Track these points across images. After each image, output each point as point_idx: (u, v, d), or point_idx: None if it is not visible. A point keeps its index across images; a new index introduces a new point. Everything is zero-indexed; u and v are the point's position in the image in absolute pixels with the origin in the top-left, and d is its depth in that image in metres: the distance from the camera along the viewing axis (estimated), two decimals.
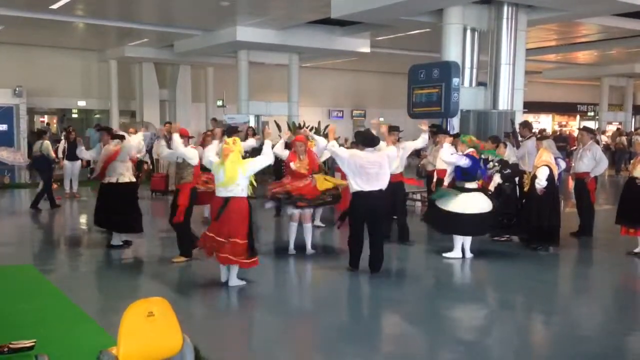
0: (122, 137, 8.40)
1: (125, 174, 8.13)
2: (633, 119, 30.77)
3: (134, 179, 8.32)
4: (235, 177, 6.08)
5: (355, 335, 5.20)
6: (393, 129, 8.94)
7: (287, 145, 8.30)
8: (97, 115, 24.62)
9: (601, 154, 9.17)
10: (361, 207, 6.82)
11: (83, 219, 11.00)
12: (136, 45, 20.53)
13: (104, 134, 8.61)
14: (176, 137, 7.20)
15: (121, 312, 3.37)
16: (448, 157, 7.79)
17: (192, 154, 7.25)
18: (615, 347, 5.01)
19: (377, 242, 6.96)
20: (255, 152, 10.94)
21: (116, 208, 8.00)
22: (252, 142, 8.83)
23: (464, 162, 7.68)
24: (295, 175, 7.83)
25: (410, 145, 8.78)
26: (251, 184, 6.34)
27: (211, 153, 6.54)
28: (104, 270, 7.51)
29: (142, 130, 9.34)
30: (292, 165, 7.84)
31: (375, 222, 6.90)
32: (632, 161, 8.63)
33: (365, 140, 7.03)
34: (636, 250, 7.95)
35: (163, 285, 6.62)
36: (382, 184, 6.85)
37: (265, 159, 6.42)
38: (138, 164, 8.89)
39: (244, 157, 6.38)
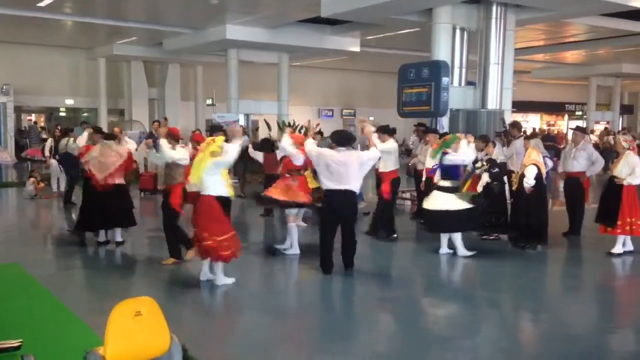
0: (114, 137, 8.35)
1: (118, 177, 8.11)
2: (620, 119, 31.01)
3: (123, 181, 8.28)
4: (199, 175, 6.17)
5: (343, 333, 5.20)
6: (383, 129, 9.00)
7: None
8: (85, 114, 24.47)
9: (597, 153, 9.18)
10: (329, 206, 6.87)
11: (76, 221, 10.91)
12: (125, 44, 20.43)
13: (95, 134, 8.53)
14: (163, 142, 7.12)
15: (109, 311, 3.35)
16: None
17: (181, 155, 7.20)
18: (601, 345, 5.06)
19: (348, 241, 6.95)
20: (245, 149, 10.94)
21: (114, 206, 7.98)
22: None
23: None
24: (290, 168, 7.85)
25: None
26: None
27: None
28: (92, 269, 7.47)
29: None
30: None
31: (345, 222, 6.89)
32: (614, 160, 8.68)
33: (338, 139, 7.03)
34: (613, 251, 8.04)
35: (152, 285, 6.59)
36: (349, 184, 6.76)
37: (228, 157, 6.39)
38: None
39: None
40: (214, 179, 6.20)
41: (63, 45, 21.70)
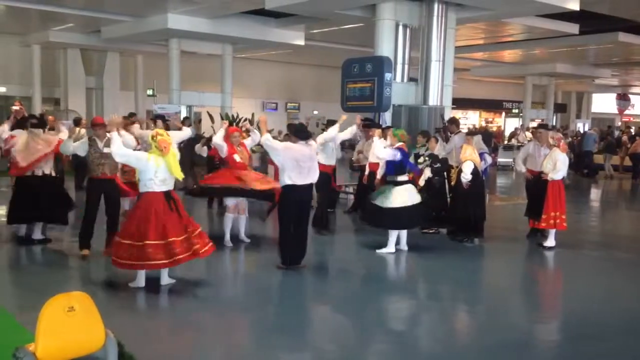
0: (42, 125, 8.01)
1: (48, 168, 7.77)
2: (554, 117, 32.26)
3: (54, 173, 7.89)
4: (179, 170, 5.92)
5: (287, 328, 5.20)
6: (330, 123, 9.10)
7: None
8: None
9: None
10: (293, 201, 6.78)
11: (2, 211, 10.46)
12: (61, 30, 19.69)
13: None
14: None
15: (40, 307, 3.24)
16: (382, 152, 7.86)
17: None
18: (532, 334, 5.26)
19: (302, 236, 6.93)
20: (191, 141, 10.82)
21: (46, 200, 7.64)
22: (188, 132, 8.53)
23: (398, 156, 7.77)
24: (236, 167, 7.78)
25: (340, 136, 8.97)
26: None
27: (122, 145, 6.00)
28: (24, 264, 7.20)
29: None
30: (237, 157, 7.80)
31: (302, 216, 6.90)
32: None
33: (298, 132, 6.96)
34: (545, 244, 8.37)
35: (86, 280, 6.41)
36: (313, 177, 6.85)
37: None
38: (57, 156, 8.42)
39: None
40: None
41: None
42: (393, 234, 7.85)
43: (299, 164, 6.70)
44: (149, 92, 21.96)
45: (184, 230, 5.83)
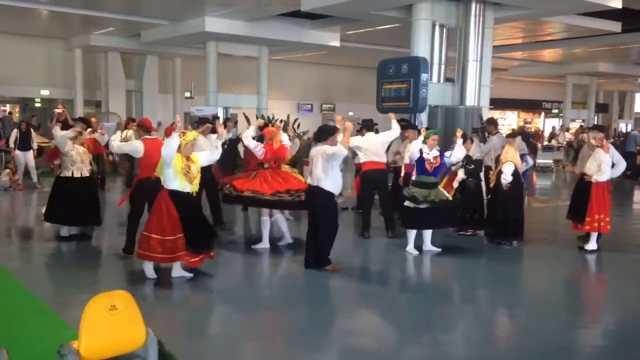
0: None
1: (83, 168, 7.98)
2: (595, 117, 31.47)
3: (87, 174, 8.06)
4: (159, 170, 6.15)
5: (320, 328, 5.21)
6: (367, 122, 9.07)
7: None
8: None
9: (619, 154, 8.61)
10: (308, 201, 7.01)
11: (44, 210, 10.74)
12: (102, 34, 20.14)
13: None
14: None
15: (83, 305, 3.32)
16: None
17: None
18: (574, 340, 5.15)
19: (320, 237, 6.84)
20: (234, 142, 10.86)
21: (79, 203, 7.86)
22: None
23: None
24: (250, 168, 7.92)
25: (388, 136, 8.88)
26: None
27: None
28: (66, 262, 7.37)
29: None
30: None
31: (315, 218, 6.87)
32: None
33: (315, 134, 7.29)
34: (587, 247, 8.16)
35: (127, 279, 6.53)
36: (315, 180, 6.76)
37: (211, 155, 6.45)
38: (96, 158, 8.60)
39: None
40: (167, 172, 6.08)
41: (38, 35, 21.29)
42: (410, 233, 7.81)
43: (309, 165, 6.99)
44: (187, 94, 22.25)
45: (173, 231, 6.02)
